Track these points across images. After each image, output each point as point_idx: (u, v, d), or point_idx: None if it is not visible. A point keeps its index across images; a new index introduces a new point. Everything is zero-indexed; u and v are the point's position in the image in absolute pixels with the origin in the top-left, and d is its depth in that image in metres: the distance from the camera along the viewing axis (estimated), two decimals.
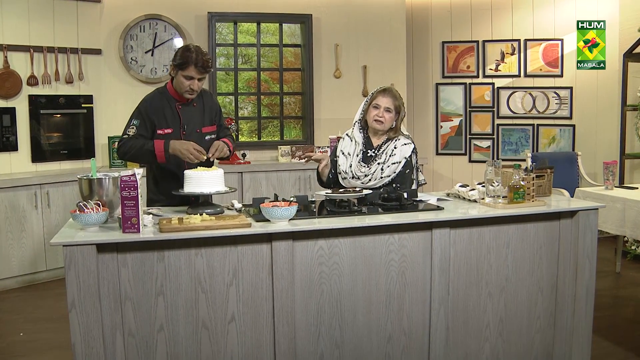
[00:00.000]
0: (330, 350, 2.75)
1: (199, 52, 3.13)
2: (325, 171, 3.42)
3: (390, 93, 3.36)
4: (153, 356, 2.56)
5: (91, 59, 5.55)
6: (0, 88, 5.00)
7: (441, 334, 2.87)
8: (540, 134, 6.34)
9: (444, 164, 6.75)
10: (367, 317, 2.78)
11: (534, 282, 3.02)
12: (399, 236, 2.77)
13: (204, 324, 2.60)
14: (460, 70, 6.57)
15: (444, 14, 6.58)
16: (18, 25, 5.09)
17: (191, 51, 3.12)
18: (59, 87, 5.36)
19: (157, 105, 3.21)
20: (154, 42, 5.81)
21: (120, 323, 2.51)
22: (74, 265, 2.39)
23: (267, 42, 6.58)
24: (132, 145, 3.10)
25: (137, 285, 2.52)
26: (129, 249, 2.50)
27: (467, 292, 2.91)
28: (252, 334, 2.65)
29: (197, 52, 3.13)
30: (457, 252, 2.86)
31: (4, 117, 5.02)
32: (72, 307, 2.41)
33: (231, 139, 3.44)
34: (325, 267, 2.69)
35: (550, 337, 3.10)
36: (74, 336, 2.42)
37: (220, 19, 6.03)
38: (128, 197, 2.49)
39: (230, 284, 2.60)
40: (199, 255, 2.56)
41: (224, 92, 6.60)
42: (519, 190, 2.97)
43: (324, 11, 6.24)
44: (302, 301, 2.69)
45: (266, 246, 2.61)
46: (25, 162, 5.21)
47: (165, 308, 2.55)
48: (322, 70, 6.31)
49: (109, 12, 5.62)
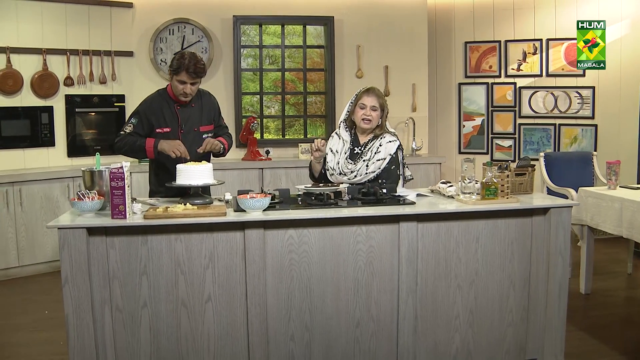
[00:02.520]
0: (301, 332, 2.96)
1: (191, 59, 3.39)
2: (317, 167, 3.62)
3: (374, 92, 3.52)
4: (138, 330, 2.84)
5: (123, 60, 5.94)
6: (40, 88, 5.45)
7: (409, 322, 3.02)
8: (562, 133, 6.30)
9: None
10: (336, 302, 2.97)
11: (505, 276, 3.12)
12: (366, 228, 2.94)
13: (183, 302, 2.86)
14: (483, 70, 6.61)
15: (467, 14, 6.63)
16: (56, 31, 5.53)
17: (185, 58, 3.38)
18: (93, 87, 5.78)
19: (156, 106, 3.50)
20: (182, 45, 6.14)
21: (108, 299, 2.81)
22: (67, 245, 2.70)
23: (295, 43, 6.82)
24: (127, 142, 3.41)
25: (123, 265, 2.80)
26: (117, 233, 2.79)
27: (436, 284, 3.05)
28: (227, 313, 2.89)
29: (190, 59, 3.39)
30: (425, 245, 3.00)
31: (42, 115, 5.47)
32: (66, 282, 2.72)
33: (228, 138, 3.69)
34: (295, 254, 2.90)
35: (523, 331, 3.19)
36: (67, 308, 2.73)
37: (244, 21, 6.31)
38: (116, 187, 2.78)
39: (206, 267, 2.85)
40: (178, 240, 2.82)
41: (251, 91, 6.90)
42: (490, 187, 3.08)
43: (346, 13, 6.41)
44: (274, 285, 2.90)
45: (239, 234, 2.85)
46: (62, 157, 5.65)
47: (148, 287, 2.83)
48: (344, 70, 6.49)
49: (140, 17, 6.00)
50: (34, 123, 5.44)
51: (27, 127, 5.41)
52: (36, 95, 5.46)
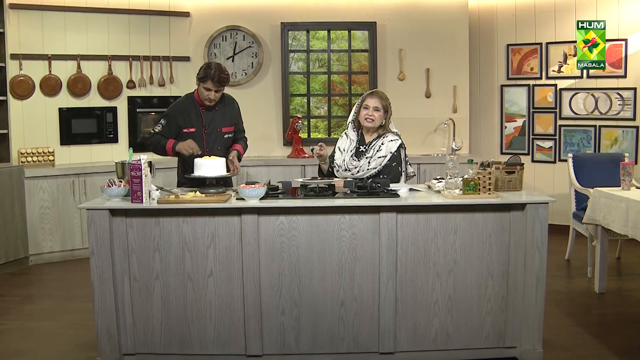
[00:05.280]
0: (290, 307, 3.34)
1: (217, 70, 3.85)
2: (324, 167, 4.02)
3: (377, 95, 3.85)
4: (151, 297, 3.34)
5: (181, 65, 6.56)
6: (105, 91, 6.16)
7: (390, 304, 3.33)
8: (602, 135, 6.26)
9: None
10: (322, 283, 3.32)
11: (483, 267, 3.35)
12: (349, 217, 3.28)
13: (188, 275, 3.32)
14: (524, 72, 6.67)
15: (509, 17, 6.72)
16: (120, 39, 6.22)
17: (211, 68, 3.86)
18: (152, 89, 6.43)
19: (184, 109, 4.01)
20: (234, 50, 6.68)
21: (127, 270, 3.32)
22: (93, 224, 3.24)
23: (344, 46, 7.19)
24: (153, 141, 3.96)
25: (139, 242, 3.31)
26: (134, 214, 3.30)
27: (415, 271, 3.33)
28: (226, 287, 3.32)
29: (216, 69, 3.86)
30: (404, 234, 3.29)
31: (107, 115, 6.19)
32: (92, 254, 3.26)
33: (244, 144, 4.16)
34: (285, 238, 3.29)
35: (502, 320, 3.40)
36: (93, 276, 3.27)
37: (292, 28, 6.75)
38: (135, 176, 3.29)
39: (209, 246, 3.30)
40: (185, 222, 3.29)
41: (301, 93, 7.33)
42: (469, 183, 3.32)
43: (388, 18, 6.70)
44: (266, 265, 3.31)
45: (237, 219, 3.28)
46: (124, 152, 6.33)
47: (160, 261, 3.32)
48: (386, 73, 6.78)
49: (196, 25, 6.59)
50: (100, 122, 6.16)
51: (94, 125, 6.14)
52: (102, 97, 6.17)
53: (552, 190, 6.59)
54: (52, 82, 5.91)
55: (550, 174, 6.61)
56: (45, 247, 5.64)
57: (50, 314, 4.33)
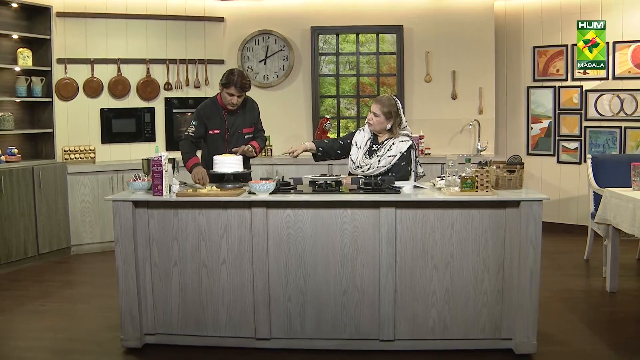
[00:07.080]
0: (296, 295, 3.59)
1: (239, 76, 4.13)
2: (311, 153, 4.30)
3: (379, 101, 4.05)
4: (169, 282, 3.65)
5: (215, 67, 6.90)
6: (143, 92, 6.57)
7: (389, 294, 3.53)
8: (628, 136, 6.24)
9: (534, 164, 6.94)
10: (326, 272, 3.56)
11: (479, 261, 3.51)
12: (351, 211, 3.50)
13: (204, 263, 3.62)
14: (550, 73, 6.72)
15: (535, 19, 6.77)
16: (158, 44, 6.62)
17: (234, 75, 4.14)
18: (188, 91, 6.81)
19: (209, 112, 4.30)
20: (266, 53, 6.98)
21: (148, 257, 3.64)
22: (118, 215, 3.58)
23: (371, 49, 7.39)
24: (183, 150, 4.20)
25: (160, 231, 3.62)
26: (155, 206, 3.62)
27: (414, 263, 3.52)
28: (238, 274, 3.60)
29: (239, 76, 4.13)
30: (403, 228, 3.49)
31: (145, 115, 6.60)
32: (117, 242, 3.60)
33: (261, 142, 4.40)
34: (292, 230, 3.54)
35: (498, 312, 3.55)
36: (117, 262, 3.61)
37: (321, 32, 7.01)
38: (156, 171, 3.60)
39: (222, 236, 3.58)
40: (201, 214, 3.59)
41: (332, 94, 7.56)
42: (466, 181, 3.49)
43: (415, 22, 6.87)
44: (274, 255, 3.57)
45: (248, 211, 3.55)
46: (161, 150, 6.73)
47: (178, 249, 3.62)
48: (413, 75, 6.94)
49: (230, 29, 6.93)
50: (139, 121, 6.58)
51: (133, 124, 6.56)
52: (140, 98, 6.59)
53: (577, 191, 6.62)
54: (94, 84, 6.36)
55: (576, 175, 6.63)
56: (85, 238, 6.08)
57: (86, 298, 4.73)
